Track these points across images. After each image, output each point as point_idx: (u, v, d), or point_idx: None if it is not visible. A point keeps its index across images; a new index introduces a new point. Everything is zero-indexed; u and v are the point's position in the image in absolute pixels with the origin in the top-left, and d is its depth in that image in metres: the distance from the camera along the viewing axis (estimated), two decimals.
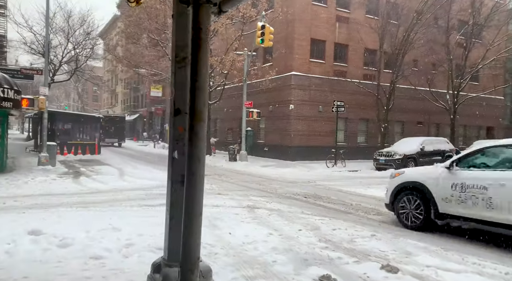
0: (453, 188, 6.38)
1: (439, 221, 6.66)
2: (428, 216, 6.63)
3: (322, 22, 22.73)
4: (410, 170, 8.07)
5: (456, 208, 6.31)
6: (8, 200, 8.92)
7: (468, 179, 6.22)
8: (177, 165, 2.30)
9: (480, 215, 5.98)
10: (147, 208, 8.21)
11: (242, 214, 7.57)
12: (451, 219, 6.52)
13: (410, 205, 6.93)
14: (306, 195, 10.29)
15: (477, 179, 6.11)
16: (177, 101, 2.33)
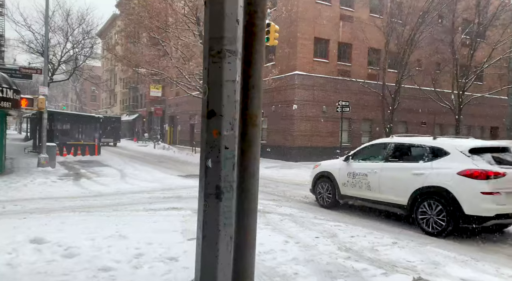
0: (348, 175, 8.51)
1: (341, 201, 8.81)
2: (334, 197, 8.78)
3: (326, 21, 22.41)
4: (324, 162, 9.97)
5: (350, 191, 8.45)
6: (8, 204, 8.57)
7: (357, 168, 8.33)
8: (211, 176, 1.97)
9: (364, 195, 8.12)
10: (153, 212, 7.87)
11: None
12: (348, 199, 8.63)
13: (323, 190, 9.10)
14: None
15: (362, 168, 8.21)
16: (210, 101, 2.00)
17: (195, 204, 9.07)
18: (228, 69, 1.94)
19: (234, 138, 1.98)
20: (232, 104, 1.96)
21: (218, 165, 1.92)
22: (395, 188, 7.37)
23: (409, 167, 7.24)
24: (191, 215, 7.56)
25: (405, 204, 7.06)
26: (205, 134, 2.02)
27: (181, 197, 9.88)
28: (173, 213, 7.76)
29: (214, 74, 1.98)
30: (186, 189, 11.40)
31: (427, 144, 7.34)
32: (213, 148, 1.96)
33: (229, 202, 1.94)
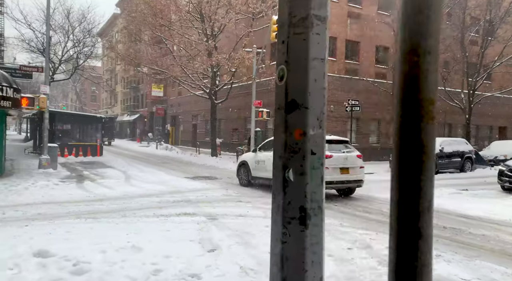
0: (256, 162, 11.85)
1: (252, 181, 12.11)
2: (248, 179, 12.19)
3: (333, 18, 21.87)
4: (244, 154, 13.79)
5: (257, 173, 11.76)
6: (8, 210, 8.02)
7: (261, 156, 11.65)
8: (293, 193, 1.43)
9: (264, 175, 11.27)
10: (164, 219, 7.33)
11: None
12: (256, 179, 11.88)
13: (243, 173, 12.54)
14: (334, 202, 9.41)
15: (263, 156, 11.48)
16: (291, 88, 1.46)
17: (207, 208, 8.59)
18: (316, 42, 1.39)
19: (322, 139, 1.43)
20: (320, 92, 1.41)
21: (304, 178, 1.37)
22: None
23: None
24: (206, 222, 7.02)
25: None
26: (282, 134, 1.47)
27: (191, 201, 9.33)
28: (186, 220, 7.22)
29: (297, 49, 1.43)
30: (195, 192, 10.86)
31: None
32: (296, 154, 1.41)
33: (318, 230, 1.40)
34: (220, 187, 11.87)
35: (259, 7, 19.30)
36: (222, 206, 8.66)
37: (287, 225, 1.44)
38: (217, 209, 8.31)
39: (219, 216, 7.61)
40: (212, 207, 8.50)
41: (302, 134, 1.44)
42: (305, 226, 1.41)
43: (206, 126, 33.46)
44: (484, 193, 11.20)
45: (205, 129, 33.66)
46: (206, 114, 32.42)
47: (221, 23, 19.86)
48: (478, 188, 12.14)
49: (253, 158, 12.06)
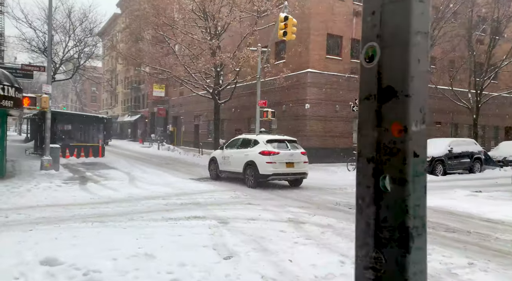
0: (223, 158, 13.57)
1: (220, 175, 13.81)
2: (217, 172, 13.86)
3: (339, 17, 21.58)
4: (214, 152, 15.61)
5: (224, 167, 13.54)
6: (11, 213, 7.72)
7: (226, 153, 13.44)
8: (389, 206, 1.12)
9: (229, 169, 13.25)
10: (174, 223, 7.01)
11: (289, 231, 6.39)
12: (223, 173, 13.62)
13: (212, 168, 14.27)
14: (349, 205, 9.10)
15: (228, 153, 13.37)
16: (385, 71, 1.15)
17: (217, 212, 8.28)
18: (420, 12, 1.08)
19: (425, 138, 1.12)
20: (423, 77, 1.11)
21: (405, 188, 1.06)
22: (239, 163, 12.70)
23: (245, 151, 12.69)
24: (217, 226, 6.71)
25: (241, 171, 12.56)
26: (373, 130, 1.16)
27: (199, 204, 9.02)
28: (196, 224, 6.91)
29: (394, 21, 1.12)
30: (202, 194, 10.55)
31: (252, 138, 13.16)
32: (393, 156, 1.10)
33: (422, 255, 1.09)
34: (227, 189, 11.55)
35: (264, 5, 19.00)
36: (232, 209, 8.35)
37: (382, 249, 1.13)
38: (227, 212, 7.99)
39: (230, 219, 7.30)
40: (222, 210, 8.18)
41: (402, 131, 1.12)
42: (407, 249, 1.10)
43: (208, 126, 33.12)
44: (499, 195, 10.89)
45: (207, 130, 33.32)
46: (208, 115, 32.09)
47: (225, 22, 19.54)
48: (492, 190, 11.84)
49: (220, 155, 14.01)
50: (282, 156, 11.87)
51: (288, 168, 12.00)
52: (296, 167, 12.17)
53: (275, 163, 11.69)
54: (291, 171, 12.16)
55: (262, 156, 11.78)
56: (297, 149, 12.51)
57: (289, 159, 12.02)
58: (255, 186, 11.94)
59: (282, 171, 11.92)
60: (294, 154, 12.19)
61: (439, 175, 16.51)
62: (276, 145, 12.22)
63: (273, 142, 12.34)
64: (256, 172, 11.88)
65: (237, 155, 12.91)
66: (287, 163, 11.96)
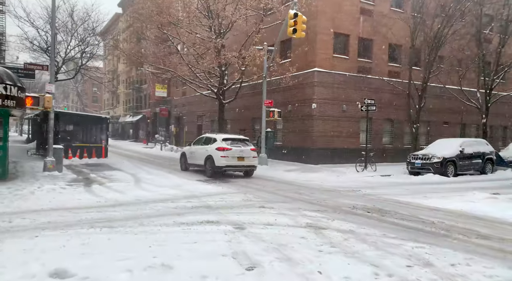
0: (190, 153, 16.25)
1: (188, 167, 16.50)
2: (186, 165, 16.67)
3: (346, 15, 21.22)
4: (184, 148, 18.34)
5: (191, 161, 16.15)
6: (15, 217, 7.37)
7: (193, 149, 16.13)
8: None
9: (195, 162, 15.80)
10: (187, 228, 6.66)
11: (310, 238, 6.03)
12: (191, 166, 16.31)
13: (183, 161, 16.98)
14: (366, 208, 8.75)
15: (194, 148, 15.99)
16: None
17: (230, 216, 7.91)
18: None
19: None
20: None
21: None
22: (201, 157, 15.16)
23: (208, 147, 14.92)
24: (234, 232, 6.36)
25: (203, 163, 15.02)
26: None
27: (211, 207, 8.67)
28: (211, 229, 6.56)
29: None
30: (212, 196, 10.20)
31: (212, 136, 15.58)
32: None
33: None
34: (237, 191, 11.21)
35: (270, 2, 18.64)
36: (245, 213, 7.99)
37: None
38: (241, 216, 7.64)
39: (245, 224, 6.95)
40: (236, 214, 7.83)
41: None
42: None
43: (212, 126, 32.77)
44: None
45: (211, 130, 32.95)
46: (212, 115, 31.75)
47: (231, 20, 19.18)
48: (509, 192, 11.50)
49: (189, 150, 16.78)
50: (234, 151, 14.40)
51: (239, 161, 14.55)
52: (246, 161, 14.69)
53: (228, 157, 14.27)
54: (241, 164, 14.71)
55: (218, 151, 14.36)
56: (247, 146, 14.99)
57: (240, 154, 14.51)
58: (211, 175, 14.51)
59: (234, 164, 14.47)
60: (244, 150, 14.66)
61: (450, 176, 16.15)
62: (230, 142, 14.79)
63: (228, 140, 14.98)
64: (213, 164, 14.39)
65: (200, 150, 15.51)
66: (238, 157, 14.49)
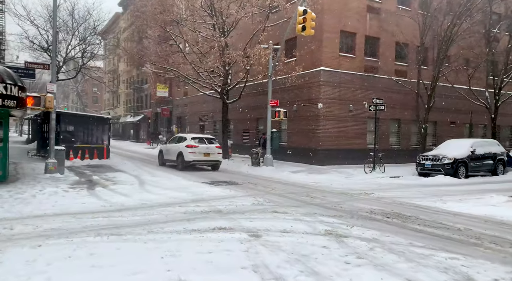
0: (166, 150, 18.81)
1: (165, 162, 18.84)
2: (163, 161, 19.01)
3: (352, 13, 20.83)
4: (161, 146, 20.99)
5: (166, 157, 18.55)
6: (16, 224, 6.98)
7: (168, 146, 18.68)
8: None
9: (169, 158, 18.18)
10: (199, 236, 6.27)
11: (333, 247, 5.64)
12: (166, 161, 18.61)
13: (160, 157, 19.31)
14: (385, 213, 8.35)
15: (169, 146, 18.53)
16: None
17: (243, 222, 7.49)
18: None
19: None
20: None
21: None
22: (174, 153, 17.54)
23: (180, 145, 17.30)
24: (250, 240, 5.97)
25: (175, 159, 17.36)
26: None
27: (221, 212, 8.28)
28: (225, 237, 6.17)
29: None
30: (221, 200, 9.81)
31: (184, 136, 18.07)
32: None
33: None
34: (246, 195, 10.81)
35: (276, 0, 18.25)
36: (258, 219, 7.60)
37: None
38: (254, 222, 7.25)
39: (261, 232, 6.56)
40: (249, 220, 7.44)
41: None
42: None
43: (214, 127, 32.39)
44: None
45: (213, 130, 32.58)
46: (214, 115, 31.37)
47: (235, 18, 18.79)
48: None
49: (165, 148, 19.37)
50: (201, 148, 16.90)
51: (205, 157, 17.05)
52: (211, 156, 17.16)
53: (196, 153, 16.77)
54: (207, 159, 17.20)
55: (187, 148, 16.84)
56: (213, 144, 17.49)
57: (206, 150, 16.98)
58: (182, 169, 16.94)
59: (201, 159, 17.00)
60: (210, 147, 17.15)
61: (461, 178, 15.77)
62: (198, 141, 17.21)
63: (196, 139, 17.40)
64: (183, 159, 16.91)
65: (173, 148, 17.97)
66: (204, 153, 16.97)
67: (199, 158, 16.83)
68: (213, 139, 18.10)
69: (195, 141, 17.10)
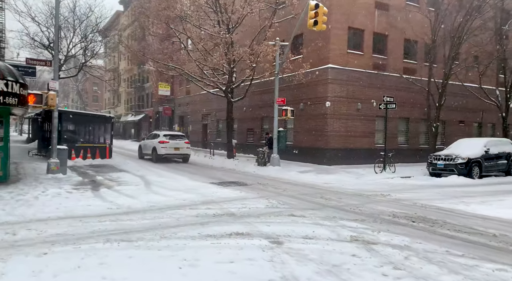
0: (144, 145, 22.23)
1: (142, 156, 22.10)
2: (141, 155, 22.35)
3: (360, 9, 20.36)
4: (141, 142, 24.01)
5: (144, 151, 21.90)
6: (19, 228, 6.55)
7: (146, 142, 22.10)
8: None
9: (146, 152, 21.50)
10: (216, 242, 5.83)
11: (363, 256, 5.20)
12: (145, 155, 21.75)
13: (140, 151, 22.70)
14: (408, 217, 7.90)
15: (147, 142, 21.83)
16: None
17: (260, 226, 7.01)
18: None
19: None
20: None
21: None
22: (150, 148, 20.63)
23: (154, 141, 20.36)
24: (272, 248, 5.53)
25: (151, 153, 20.51)
26: None
27: (235, 215, 7.84)
28: (244, 244, 5.72)
29: None
30: (232, 202, 9.37)
31: (158, 133, 21.08)
32: None
33: None
34: (258, 196, 10.36)
35: None
36: (276, 223, 7.16)
37: None
38: (272, 227, 6.81)
39: (281, 237, 6.12)
40: (265, 224, 7.00)
41: None
42: None
43: (217, 126, 31.94)
44: None
45: (216, 129, 32.14)
46: (218, 113, 30.92)
47: (241, 14, 18.32)
48: None
49: (143, 143, 22.46)
50: (172, 144, 19.99)
51: (176, 150, 20.19)
52: (181, 150, 20.31)
53: (167, 148, 19.81)
54: (177, 152, 20.31)
55: (160, 144, 19.91)
56: (182, 140, 20.63)
57: (176, 145, 20.09)
58: (156, 161, 19.97)
59: (171, 152, 20.12)
60: (179, 143, 20.28)
61: (475, 178, 15.33)
62: (169, 137, 20.27)
63: (168, 136, 20.50)
64: (156, 153, 19.98)
65: (149, 143, 21.10)
66: (175, 148, 20.08)
67: (170, 152, 19.92)
68: (182, 136, 21.39)
69: (166, 137, 20.11)
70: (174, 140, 20.12)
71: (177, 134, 21.41)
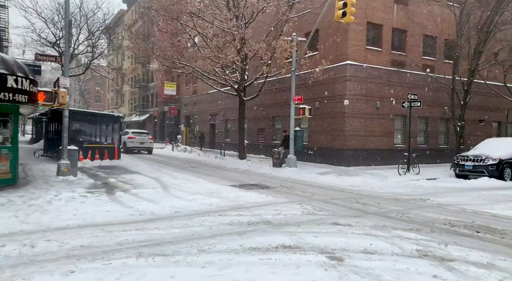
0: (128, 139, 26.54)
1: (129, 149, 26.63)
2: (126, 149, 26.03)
3: (379, 4, 19.60)
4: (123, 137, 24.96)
5: (131, 145, 26.34)
6: (37, 239, 5.80)
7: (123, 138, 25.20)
8: None
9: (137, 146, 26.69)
10: (265, 258, 5.07)
11: (447, 277, 4.43)
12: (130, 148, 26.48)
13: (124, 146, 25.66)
14: (468, 226, 7.11)
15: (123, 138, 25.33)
16: None
17: (307, 237, 5.97)
18: None
19: None
20: None
21: None
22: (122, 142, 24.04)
23: (124, 136, 25.49)
24: (334, 265, 4.76)
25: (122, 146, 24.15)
26: None
27: (272, 224, 7.07)
28: (299, 260, 4.96)
29: None
30: (263, 207, 8.61)
31: (128, 130, 28.33)
32: None
33: None
34: (288, 201, 9.60)
35: None
36: (323, 233, 6.38)
37: None
38: (321, 238, 6.03)
39: (337, 252, 5.35)
40: (312, 235, 6.22)
41: None
42: None
43: (226, 125, 31.18)
44: None
45: (225, 129, 31.37)
46: (226, 113, 30.19)
47: (256, 8, 17.55)
48: None
49: (124, 138, 25.41)
50: (137, 139, 26.04)
51: (141, 144, 26.12)
52: (145, 144, 26.33)
53: (133, 142, 25.80)
54: (142, 146, 26.21)
55: (129, 139, 25.86)
56: (146, 136, 26.85)
57: (141, 140, 26.13)
58: (126, 152, 24.65)
59: (137, 146, 25.97)
60: (144, 138, 26.43)
61: (507, 180, 14.57)
62: (136, 134, 26.68)
63: (135, 133, 27.04)
64: (125, 145, 25.35)
65: (122, 139, 23.88)
66: (140, 142, 26.08)
67: (136, 145, 26.08)
68: (147, 133, 28.20)
69: (134, 134, 26.73)
70: (140, 136, 26.68)
71: (142, 132, 28.12)
